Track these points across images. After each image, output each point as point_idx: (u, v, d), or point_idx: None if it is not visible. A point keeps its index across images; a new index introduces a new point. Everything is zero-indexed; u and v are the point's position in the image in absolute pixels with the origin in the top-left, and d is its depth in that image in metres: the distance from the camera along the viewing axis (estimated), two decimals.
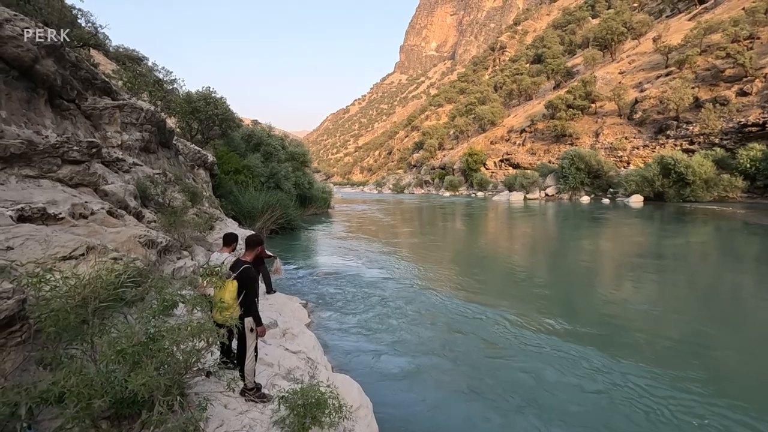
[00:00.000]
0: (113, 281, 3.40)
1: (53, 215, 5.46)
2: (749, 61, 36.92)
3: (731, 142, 33.72)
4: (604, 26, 68.76)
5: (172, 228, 8.63)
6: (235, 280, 3.79)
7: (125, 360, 2.48)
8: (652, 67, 53.39)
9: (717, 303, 8.57)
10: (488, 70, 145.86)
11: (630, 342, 6.42)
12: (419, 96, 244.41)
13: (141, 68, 23.15)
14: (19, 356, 2.95)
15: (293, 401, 3.42)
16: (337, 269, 11.90)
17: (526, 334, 6.87)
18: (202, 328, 2.82)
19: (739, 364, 5.74)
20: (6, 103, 6.63)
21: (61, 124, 8.17)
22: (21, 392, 2.37)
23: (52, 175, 6.79)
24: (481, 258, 14.19)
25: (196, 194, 12.76)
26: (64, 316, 2.70)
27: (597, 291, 9.55)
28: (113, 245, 5.34)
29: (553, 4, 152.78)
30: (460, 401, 4.93)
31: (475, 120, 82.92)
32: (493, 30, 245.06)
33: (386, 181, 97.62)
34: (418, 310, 8.27)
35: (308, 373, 4.75)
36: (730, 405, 4.65)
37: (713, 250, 14.57)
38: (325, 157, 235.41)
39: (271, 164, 24.09)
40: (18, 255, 3.81)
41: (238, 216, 17.61)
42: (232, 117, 23.48)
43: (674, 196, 31.95)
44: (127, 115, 10.74)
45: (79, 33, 17.81)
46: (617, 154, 44.49)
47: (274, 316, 6.83)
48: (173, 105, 20.36)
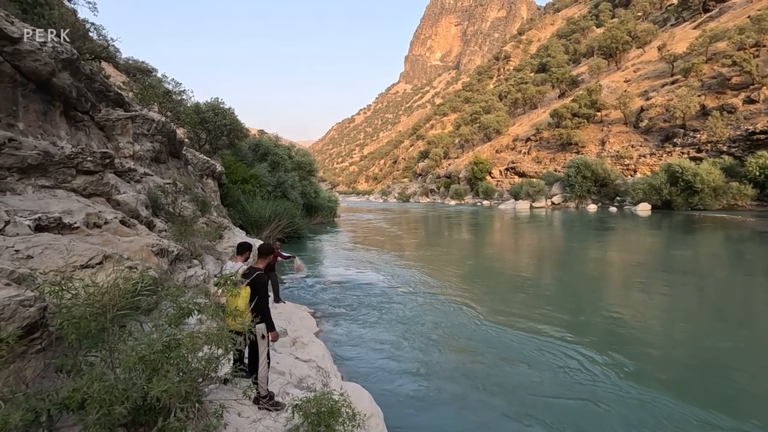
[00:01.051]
0: (130, 289, 3.45)
1: (69, 225, 5.56)
2: (756, 68, 36.83)
3: (739, 150, 33.52)
4: (609, 35, 69.02)
5: (183, 237, 8.72)
6: (248, 287, 3.85)
7: (146, 367, 2.52)
8: (658, 75, 53.38)
9: (730, 316, 8.46)
10: (493, 79, 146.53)
11: (643, 359, 6.36)
12: (424, 105, 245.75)
13: (150, 80, 23.55)
14: (39, 363, 3.00)
15: (307, 409, 3.43)
16: (344, 278, 11.92)
17: (536, 345, 6.83)
18: (221, 336, 2.86)
19: (753, 380, 5.65)
20: (24, 116, 6.79)
21: (75, 136, 8.33)
22: (44, 398, 2.41)
23: (66, 185, 6.91)
24: (488, 269, 14.14)
25: (206, 203, 12.89)
26: (85, 324, 2.75)
27: (607, 304, 9.49)
28: (127, 254, 5.42)
29: (557, 14, 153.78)
30: (470, 411, 4.91)
31: (480, 129, 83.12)
32: (498, 40, 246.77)
33: (391, 190, 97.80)
34: (425, 319, 8.25)
35: (320, 382, 4.77)
36: (745, 423, 4.59)
37: (724, 259, 14.42)
38: (331, 167, 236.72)
39: (278, 173, 24.30)
40: (38, 263, 3.89)
41: (245, 225, 17.72)
42: (239, 127, 23.76)
43: (682, 204, 31.71)
44: (139, 125, 10.93)
45: (91, 46, 18.19)
46: (624, 162, 44.34)
47: (284, 324, 6.86)
48: (182, 116, 20.66)
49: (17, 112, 6.65)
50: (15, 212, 4.94)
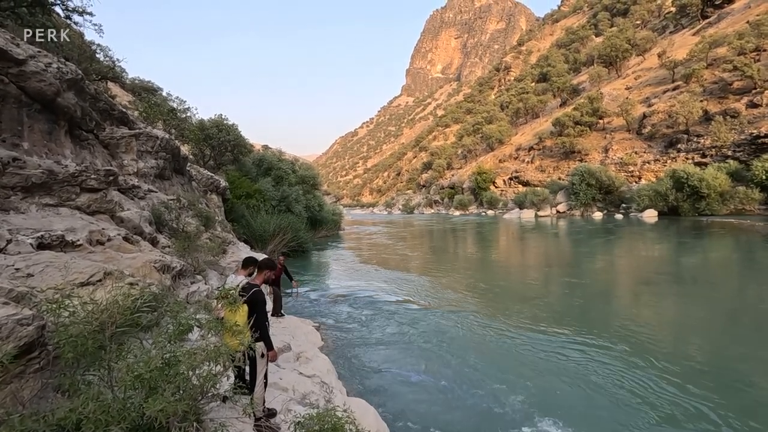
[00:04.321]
0: (129, 306, 3.41)
1: (71, 242, 5.56)
2: (757, 72, 36.81)
3: (744, 154, 33.30)
4: (608, 44, 69.50)
5: (186, 252, 8.72)
6: (246, 304, 3.78)
7: (142, 385, 2.47)
8: (659, 82, 53.50)
9: (743, 324, 8.28)
10: (494, 90, 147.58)
11: (657, 368, 6.21)
12: (426, 117, 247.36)
13: (156, 98, 23.93)
14: (37, 383, 2.95)
15: (309, 426, 3.35)
16: (349, 292, 11.82)
17: (544, 356, 6.69)
18: (219, 352, 2.81)
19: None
20: (29, 135, 6.87)
21: (79, 154, 8.41)
22: (40, 420, 2.36)
23: (70, 203, 6.95)
24: (496, 282, 13.97)
25: (209, 219, 12.92)
26: (83, 342, 2.71)
27: (618, 314, 9.33)
28: (129, 270, 5.40)
29: (556, 25, 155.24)
30: (479, 427, 4.78)
31: (482, 139, 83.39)
32: (498, 51, 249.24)
33: (396, 202, 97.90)
34: (432, 333, 8.13)
35: (324, 398, 4.67)
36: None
37: (735, 266, 14.18)
38: (335, 180, 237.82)
39: (282, 188, 24.40)
40: (38, 282, 3.87)
41: (250, 239, 17.73)
42: (243, 143, 23.98)
43: (689, 209, 31.41)
44: (143, 143, 11.03)
45: (98, 67, 18.54)
46: (628, 169, 44.16)
47: (287, 339, 6.78)
48: (187, 132, 20.89)
49: (22, 132, 6.73)
50: (18, 231, 4.95)
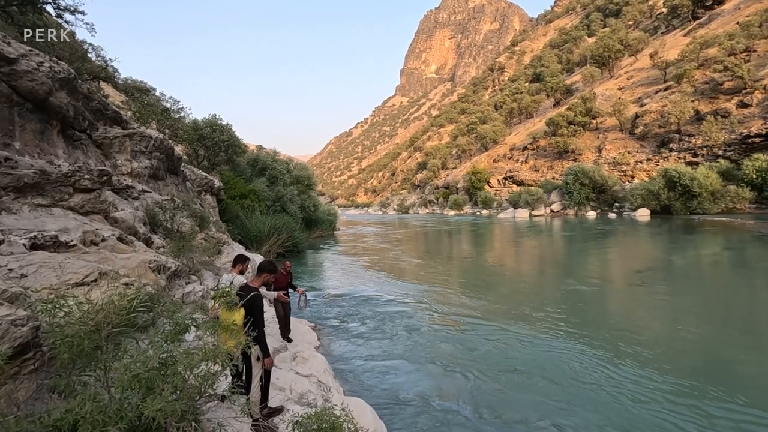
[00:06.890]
0: (125, 306, 3.38)
1: (65, 243, 5.51)
2: (747, 73, 37.26)
3: (735, 154, 33.71)
4: (601, 44, 70.02)
5: (181, 253, 8.65)
6: (243, 308, 3.71)
7: (140, 385, 2.45)
8: (651, 82, 54.00)
9: (735, 321, 8.37)
10: (488, 90, 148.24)
11: (650, 363, 6.26)
12: (421, 117, 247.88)
13: (149, 98, 23.75)
14: (32, 384, 2.92)
15: (307, 426, 3.34)
16: (344, 292, 11.81)
17: (542, 355, 6.73)
18: (217, 352, 2.79)
19: (760, 380, 5.55)
20: (20, 135, 6.79)
21: (72, 154, 8.33)
22: (35, 421, 2.33)
23: (63, 204, 6.88)
24: (492, 281, 14.02)
25: (204, 219, 12.84)
26: (79, 342, 2.68)
27: (611, 312, 9.40)
28: (124, 271, 5.36)
29: (549, 25, 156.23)
30: (476, 427, 4.79)
31: (477, 139, 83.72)
32: (491, 51, 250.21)
33: (390, 202, 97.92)
34: (428, 333, 8.14)
35: (321, 397, 4.66)
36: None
37: (726, 263, 14.34)
38: (330, 180, 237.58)
39: (277, 188, 24.32)
40: (32, 282, 3.83)
41: (244, 240, 17.66)
42: (237, 143, 23.87)
43: (681, 208, 31.73)
44: (137, 143, 10.94)
45: (90, 67, 18.37)
46: (621, 168, 44.53)
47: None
48: (181, 132, 20.75)
49: (14, 132, 6.65)
50: (10, 231, 4.89)
